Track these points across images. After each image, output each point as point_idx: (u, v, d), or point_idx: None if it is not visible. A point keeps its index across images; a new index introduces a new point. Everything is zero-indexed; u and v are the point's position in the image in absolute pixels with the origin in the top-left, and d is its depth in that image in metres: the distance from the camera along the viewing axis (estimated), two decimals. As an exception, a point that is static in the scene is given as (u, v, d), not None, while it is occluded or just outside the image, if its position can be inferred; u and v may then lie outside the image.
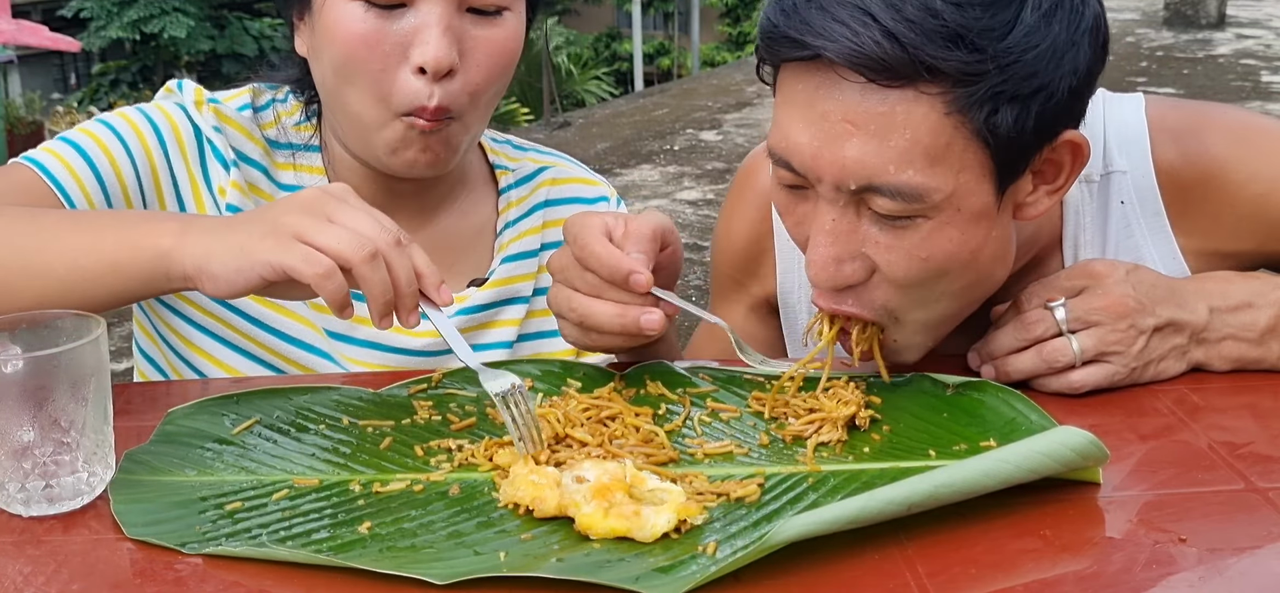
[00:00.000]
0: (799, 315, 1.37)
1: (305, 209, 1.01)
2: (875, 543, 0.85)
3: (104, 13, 18.97)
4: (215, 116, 1.30)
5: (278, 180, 1.32)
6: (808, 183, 1.04)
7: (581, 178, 1.48)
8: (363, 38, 1.18)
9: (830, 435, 1.01)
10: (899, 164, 0.98)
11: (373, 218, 1.00)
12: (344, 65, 1.20)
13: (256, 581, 0.83)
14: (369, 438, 1.03)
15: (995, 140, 0.99)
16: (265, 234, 0.99)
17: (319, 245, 0.98)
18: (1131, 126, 1.21)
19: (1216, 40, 9.81)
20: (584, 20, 22.66)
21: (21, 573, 0.83)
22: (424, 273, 1.01)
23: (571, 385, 1.11)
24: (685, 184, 6.15)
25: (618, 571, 0.82)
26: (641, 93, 9.91)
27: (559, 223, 1.41)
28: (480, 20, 1.21)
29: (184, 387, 1.19)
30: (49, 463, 0.90)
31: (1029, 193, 1.07)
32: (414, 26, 1.18)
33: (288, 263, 0.98)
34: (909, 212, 1.00)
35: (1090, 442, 0.90)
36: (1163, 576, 0.82)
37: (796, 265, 1.35)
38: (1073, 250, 1.23)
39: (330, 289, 0.98)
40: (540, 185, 1.44)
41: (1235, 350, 1.13)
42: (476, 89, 1.22)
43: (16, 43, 15.57)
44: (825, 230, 1.04)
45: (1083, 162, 1.06)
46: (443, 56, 1.17)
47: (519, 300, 1.38)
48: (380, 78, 1.19)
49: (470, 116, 1.23)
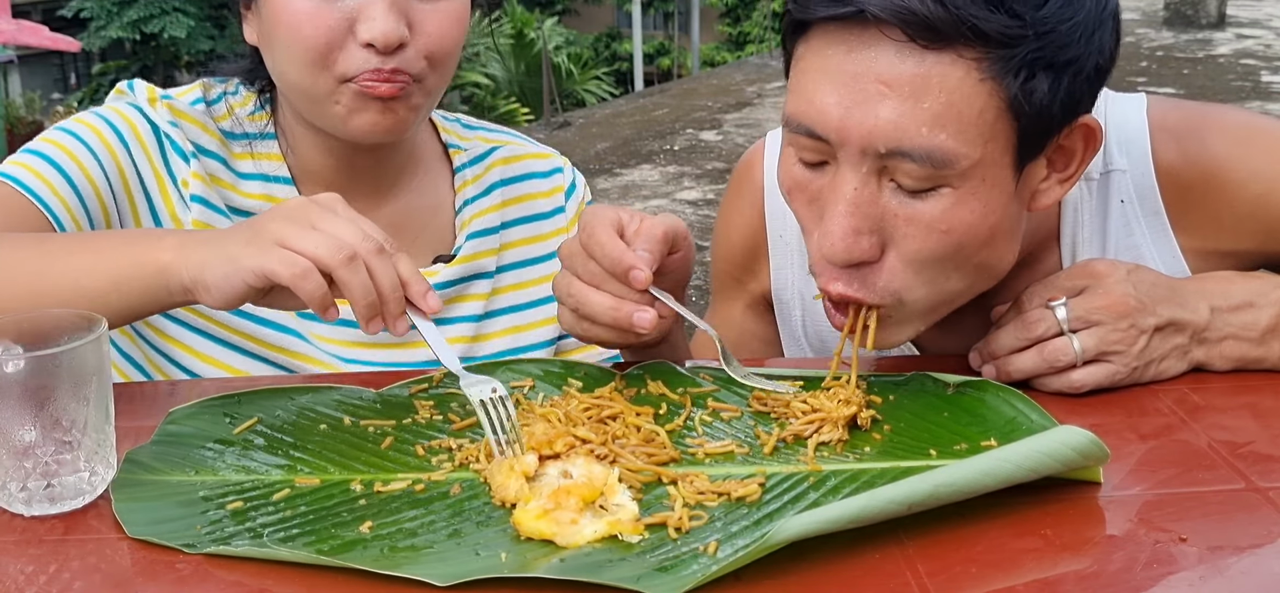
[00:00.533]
0: (792, 312, 1.37)
1: (290, 217, 1.03)
2: (876, 543, 0.85)
3: (104, 13, 18.97)
4: (169, 112, 1.32)
5: (236, 170, 1.34)
6: (828, 153, 1.04)
7: (533, 154, 1.50)
8: (309, 16, 1.20)
9: (831, 435, 1.01)
10: (931, 127, 0.98)
11: (355, 225, 1.02)
12: (292, 45, 1.22)
13: (258, 580, 0.83)
14: (370, 438, 1.03)
15: (1025, 111, 1.00)
16: (249, 242, 1.02)
17: (298, 249, 1.00)
18: (1132, 126, 1.21)
19: (1216, 40, 9.81)
20: (584, 20, 22.66)
21: (23, 572, 0.84)
22: (409, 280, 1.03)
23: (573, 385, 1.11)
24: (685, 184, 6.15)
25: (618, 570, 0.82)
26: (641, 93, 9.91)
27: (516, 200, 1.45)
28: None
29: (185, 387, 1.19)
30: (50, 462, 0.90)
31: (1042, 179, 1.08)
32: (359, 4, 1.20)
33: (267, 267, 1.00)
34: (934, 181, 1.01)
35: (1091, 441, 0.91)
36: (1163, 575, 0.82)
37: (790, 262, 1.35)
38: (1070, 247, 1.23)
39: (309, 289, 0.99)
40: (494, 165, 1.46)
41: (1236, 350, 1.13)
42: (432, 54, 1.24)
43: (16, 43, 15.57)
44: (846, 199, 1.03)
45: (1095, 147, 1.07)
46: (391, 31, 1.19)
47: (483, 276, 1.41)
48: (328, 53, 1.21)
49: (430, 80, 1.26)
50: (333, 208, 1.04)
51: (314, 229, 1.01)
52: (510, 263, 1.44)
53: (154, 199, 1.31)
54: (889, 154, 1.00)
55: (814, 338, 1.36)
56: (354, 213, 1.04)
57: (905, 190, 1.02)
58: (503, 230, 1.43)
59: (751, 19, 21.44)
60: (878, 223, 1.03)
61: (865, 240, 1.03)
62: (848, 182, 1.03)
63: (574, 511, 0.88)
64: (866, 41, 1.00)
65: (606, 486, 0.92)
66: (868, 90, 0.99)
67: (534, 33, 14.18)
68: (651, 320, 1.07)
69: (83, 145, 1.27)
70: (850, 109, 1.00)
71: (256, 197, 1.34)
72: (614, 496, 0.91)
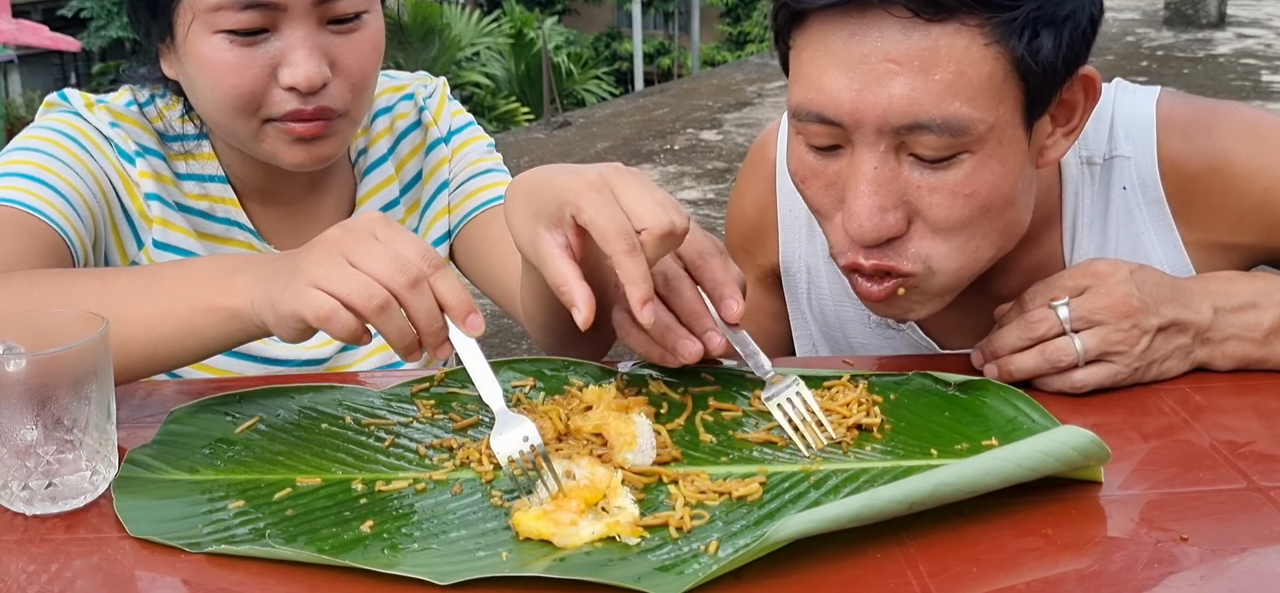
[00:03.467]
0: (799, 284, 1.39)
1: (325, 252, 0.97)
2: (877, 542, 0.85)
3: (104, 13, 18.96)
4: (108, 114, 1.32)
5: (176, 170, 1.35)
6: (841, 137, 1.05)
7: (398, 86, 1.50)
8: (231, 66, 1.21)
9: (839, 433, 1.01)
10: (944, 98, 1.01)
11: (390, 255, 0.95)
12: (216, 94, 1.23)
13: (259, 579, 0.83)
14: (371, 437, 1.03)
15: (1031, 70, 1.02)
16: (289, 282, 0.97)
17: (328, 290, 0.95)
18: (1141, 116, 1.22)
19: (1217, 40, 9.80)
20: (584, 20, 22.65)
21: (25, 572, 0.84)
22: (451, 304, 0.96)
23: (573, 384, 1.11)
24: (685, 184, 6.15)
25: (619, 570, 0.82)
26: (641, 93, 9.90)
27: (397, 119, 1.47)
28: (342, 29, 1.24)
29: (186, 386, 1.19)
30: (52, 462, 0.90)
31: (1048, 135, 1.10)
32: (280, 49, 1.21)
33: (299, 310, 0.96)
34: (952, 149, 1.03)
35: (1092, 441, 0.91)
36: (1164, 575, 0.82)
37: (798, 236, 1.37)
38: (1072, 229, 1.24)
39: (337, 329, 0.95)
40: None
41: (1239, 350, 1.13)
42: (354, 85, 1.25)
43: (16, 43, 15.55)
44: (867, 179, 1.04)
45: (1096, 97, 1.10)
46: (313, 74, 1.21)
47: (390, 205, 1.43)
48: (252, 98, 1.22)
49: (355, 108, 1.27)
50: (373, 233, 0.97)
51: (348, 267, 0.95)
52: (408, 182, 1.47)
53: (124, 199, 1.31)
54: (906, 129, 1.02)
55: (817, 311, 1.38)
56: (395, 232, 0.97)
57: (926, 162, 1.04)
58: (394, 152, 1.46)
59: (751, 19, 21.43)
60: (901, 197, 1.05)
61: (891, 216, 1.05)
62: (867, 161, 1.04)
63: (574, 512, 0.88)
64: (869, 23, 1.01)
65: (609, 487, 0.92)
66: (878, 70, 1.01)
67: (534, 32, 14.17)
68: (695, 355, 1.04)
69: (52, 159, 1.26)
70: (862, 91, 1.02)
71: (195, 197, 1.34)
72: (616, 497, 0.91)
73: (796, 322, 1.41)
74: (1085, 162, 1.23)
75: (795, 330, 1.42)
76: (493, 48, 13.93)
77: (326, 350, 1.37)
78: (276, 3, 1.19)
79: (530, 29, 14.43)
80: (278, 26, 1.21)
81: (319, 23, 1.22)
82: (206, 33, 1.21)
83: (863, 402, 1.05)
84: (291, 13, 1.20)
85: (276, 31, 1.21)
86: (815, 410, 1.01)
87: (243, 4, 1.19)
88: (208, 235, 1.35)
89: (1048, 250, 1.25)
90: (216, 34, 1.20)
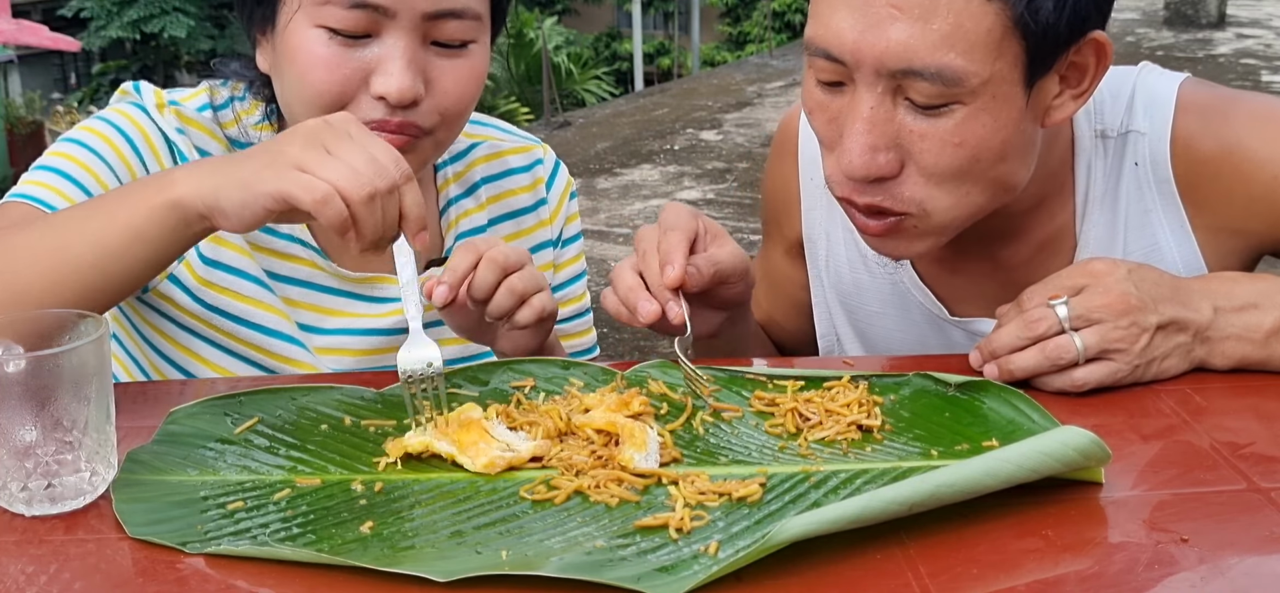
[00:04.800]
0: (818, 250, 1.42)
1: (307, 141, 1.02)
2: (877, 543, 0.85)
3: (104, 13, 18.97)
4: (177, 118, 1.29)
5: None
6: (845, 74, 1.09)
7: (513, 148, 1.48)
8: (325, 62, 1.18)
9: (834, 430, 1.01)
10: (940, 47, 1.04)
11: (368, 153, 1.00)
12: (303, 88, 1.20)
13: (258, 580, 0.83)
14: (371, 437, 1.03)
15: (1031, 29, 1.04)
16: (267, 165, 1.01)
17: (319, 175, 0.99)
18: (1162, 96, 1.24)
19: (1217, 40, 9.80)
20: (584, 20, 22.65)
21: (24, 572, 0.83)
22: (409, 214, 1.02)
23: (573, 384, 1.11)
24: (685, 184, 6.14)
25: (619, 570, 0.82)
26: (641, 93, 9.89)
27: (500, 198, 1.44)
28: (445, 52, 1.21)
29: (185, 387, 1.19)
30: (51, 462, 0.90)
31: (1055, 96, 1.12)
32: (377, 56, 1.18)
33: (288, 190, 0.99)
34: (945, 98, 1.06)
35: (1092, 441, 0.90)
36: (1164, 576, 0.82)
37: (818, 204, 1.40)
38: (1083, 201, 1.26)
39: (329, 214, 0.99)
40: (475, 162, 1.44)
41: (1239, 350, 1.13)
42: (446, 110, 1.22)
43: (16, 42, 15.58)
44: (862, 118, 1.08)
45: (1106, 63, 1.12)
46: (406, 89, 1.18)
47: (473, 231, 1.40)
48: (339, 102, 1.19)
49: (441, 133, 1.24)
50: (347, 131, 1.02)
51: (331, 156, 1.00)
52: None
53: None
54: (901, 73, 1.05)
55: (833, 277, 1.42)
56: (367, 134, 1.03)
57: (919, 108, 1.07)
58: (489, 229, 1.43)
59: (751, 19, 21.44)
60: (894, 139, 1.09)
61: (881, 157, 1.09)
62: (864, 101, 1.08)
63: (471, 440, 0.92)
64: None
65: (633, 437, 0.96)
66: (880, 13, 1.05)
67: (534, 32, 14.17)
68: (653, 313, 1.11)
69: (92, 154, 1.25)
70: (864, 32, 1.05)
71: None
72: (642, 447, 0.95)
73: (816, 289, 1.45)
74: (1099, 134, 1.25)
75: (815, 298, 1.45)
76: (492, 48, 13.94)
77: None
78: (386, 7, 1.16)
79: (530, 29, 14.44)
80: (381, 33, 1.18)
81: (423, 40, 1.19)
82: (308, 24, 1.18)
83: (864, 403, 1.05)
84: (397, 22, 1.17)
85: (378, 37, 1.18)
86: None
87: (351, 2, 1.16)
88: (264, 249, 1.32)
89: (1060, 222, 1.27)
90: (318, 28, 1.18)
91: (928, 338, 1.36)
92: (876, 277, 1.37)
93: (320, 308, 1.33)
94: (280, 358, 1.32)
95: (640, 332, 4.02)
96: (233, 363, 1.32)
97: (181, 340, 1.31)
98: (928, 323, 1.35)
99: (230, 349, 1.31)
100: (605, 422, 1.00)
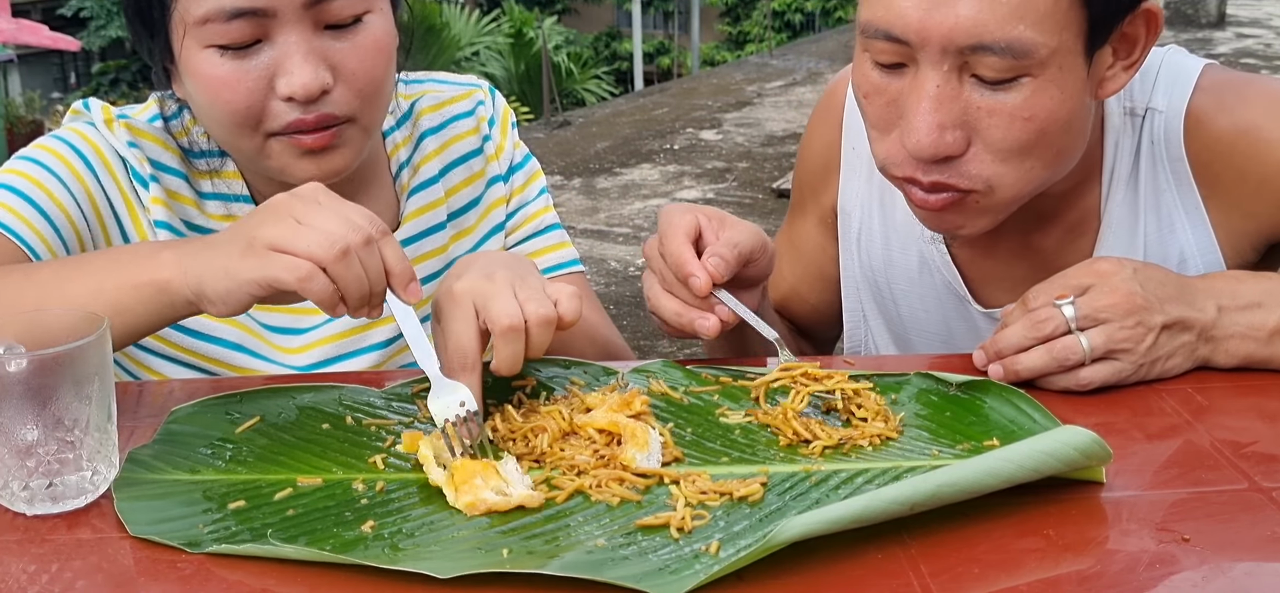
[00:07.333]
0: (852, 224, 1.42)
1: (276, 216, 1.00)
2: (878, 543, 0.85)
3: (104, 12, 18.95)
4: (128, 132, 1.27)
5: (198, 189, 1.30)
6: (907, 55, 1.09)
7: (455, 96, 1.45)
8: (225, 81, 1.17)
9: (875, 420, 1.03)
10: (1010, 21, 1.04)
11: (340, 215, 0.99)
12: (214, 110, 1.19)
13: (259, 579, 0.83)
14: (372, 436, 1.03)
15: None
16: (244, 252, 0.99)
17: (295, 252, 0.98)
18: (1183, 75, 1.24)
19: (1217, 39, 9.80)
20: (584, 20, 22.65)
21: (25, 572, 0.83)
22: (393, 269, 1.01)
23: (575, 384, 1.11)
24: (685, 183, 6.14)
25: (620, 570, 0.82)
26: (641, 92, 9.89)
27: (449, 143, 1.42)
28: (341, 33, 1.19)
29: (187, 386, 1.19)
30: (52, 462, 0.90)
31: (1108, 67, 1.13)
32: (275, 59, 1.17)
33: (272, 276, 0.98)
34: (1014, 72, 1.06)
35: (1094, 441, 0.90)
36: (1166, 575, 0.82)
37: (858, 174, 1.40)
38: (1109, 181, 1.26)
39: (316, 291, 0.98)
40: (418, 116, 1.42)
41: (1243, 349, 1.13)
42: (361, 90, 1.20)
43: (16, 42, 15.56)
44: (930, 97, 1.08)
45: (1157, 31, 1.12)
46: (310, 82, 1.16)
47: (436, 228, 1.39)
48: (250, 114, 1.18)
49: (364, 116, 1.22)
50: (315, 199, 1.02)
51: (302, 226, 0.99)
52: (457, 209, 1.42)
53: (124, 222, 1.28)
54: (970, 49, 1.05)
55: (865, 254, 1.42)
56: (336, 199, 1.02)
57: (987, 83, 1.07)
58: (444, 176, 1.41)
59: (751, 19, 21.43)
60: (961, 117, 1.09)
61: (949, 135, 1.09)
62: (930, 79, 1.08)
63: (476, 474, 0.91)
64: None
65: (634, 437, 0.95)
66: None
67: (534, 32, 14.16)
68: (713, 327, 1.12)
69: (50, 174, 1.23)
70: (930, 10, 1.05)
71: (217, 217, 1.30)
72: (643, 446, 0.95)
73: (846, 261, 1.44)
74: (1128, 112, 1.25)
75: (844, 272, 1.44)
76: (492, 47, 13.92)
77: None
78: (265, 9, 1.14)
79: (530, 28, 14.43)
80: (270, 35, 1.16)
81: (314, 28, 1.17)
82: (198, 48, 1.17)
83: (880, 410, 1.05)
84: (282, 19, 1.15)
85: (269, 41, 1.16)
86: None
87: (230, 14, 1.14)
88: None
89: (1087, 203, 1.27)
90: (208, 48, 1.16)
91: (951, 319, 1.37)
92: (908, 258, 1.37)
93: (289, 308, 1.32)
94: (236, 370, 1.30)
95: (640, 332, 4.02)
96: (185, 374, 1.30)
97: (145, 360, 1.30)
98: (954, 304, 1.36)
99: (196, 365, 1.30)
100: (607, 421, 1.00)
